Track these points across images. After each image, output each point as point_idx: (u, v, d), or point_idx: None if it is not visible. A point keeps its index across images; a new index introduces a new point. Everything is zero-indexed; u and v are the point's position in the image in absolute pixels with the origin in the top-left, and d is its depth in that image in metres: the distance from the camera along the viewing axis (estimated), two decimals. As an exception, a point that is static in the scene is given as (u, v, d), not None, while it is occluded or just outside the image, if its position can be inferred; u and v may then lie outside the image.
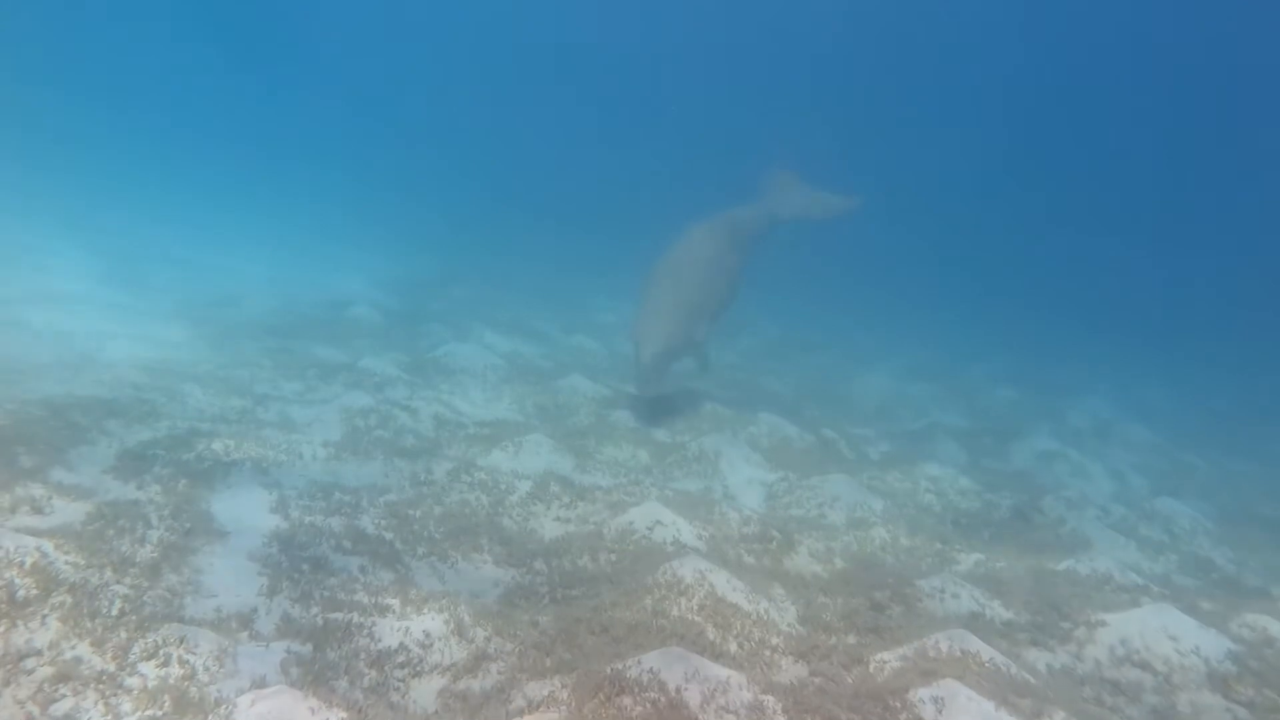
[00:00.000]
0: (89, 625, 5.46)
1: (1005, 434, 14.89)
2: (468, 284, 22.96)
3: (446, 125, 54.78)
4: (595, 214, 37.45)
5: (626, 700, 4.98)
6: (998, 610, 7.20)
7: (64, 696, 4.92)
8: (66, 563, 5.92)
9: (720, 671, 5.21)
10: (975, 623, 6.92)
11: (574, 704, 5.09)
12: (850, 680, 5.91)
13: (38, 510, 6.81)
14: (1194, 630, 6.36)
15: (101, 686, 5.01)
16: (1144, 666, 6.24)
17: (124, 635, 5.42)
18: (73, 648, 5.28)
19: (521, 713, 5.18)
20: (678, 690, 5.06)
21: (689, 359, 13.05)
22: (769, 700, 5.11)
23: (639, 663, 5.29)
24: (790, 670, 6.09)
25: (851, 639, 6.70)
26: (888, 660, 6.02)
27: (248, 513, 7.58)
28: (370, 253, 25.94)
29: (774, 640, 6.45)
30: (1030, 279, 36.85)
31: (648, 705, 4.95)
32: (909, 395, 17.95)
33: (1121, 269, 39.16)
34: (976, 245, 40.28)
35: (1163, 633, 6.39)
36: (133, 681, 5.08)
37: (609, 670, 5.29)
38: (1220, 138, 49.97)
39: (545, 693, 5.34)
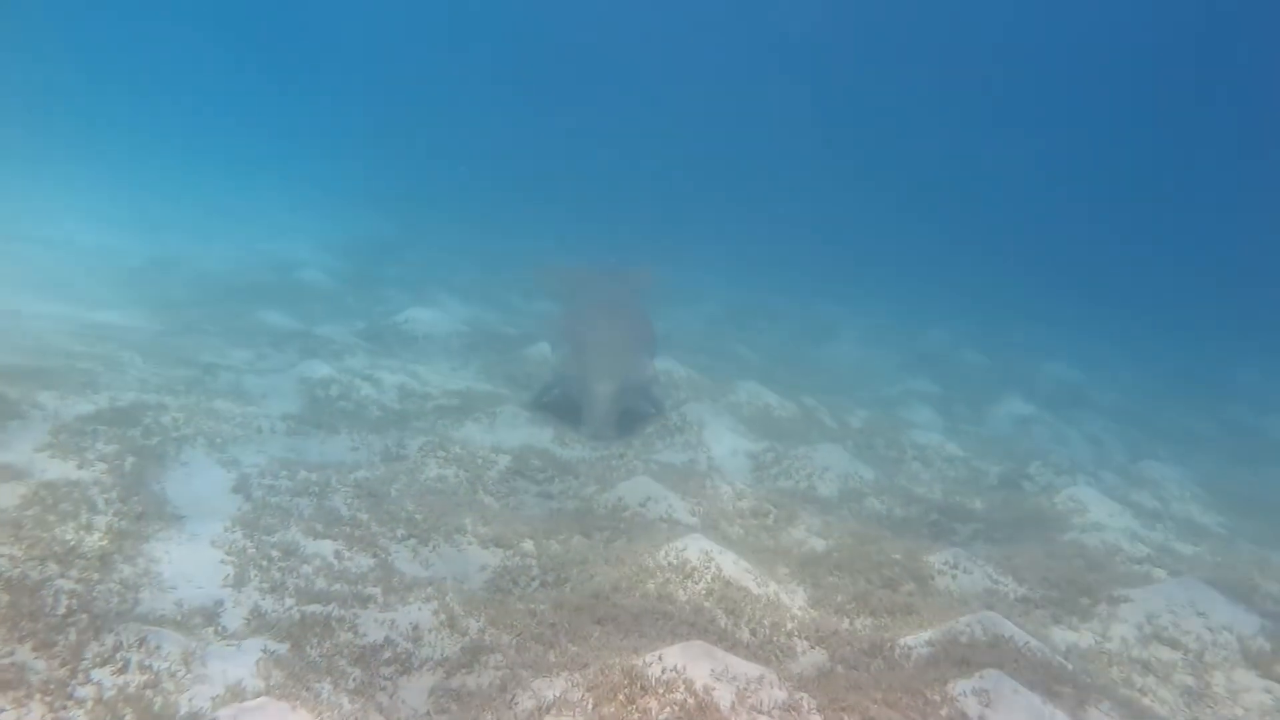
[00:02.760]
0: (31, 627, 4.79)
1: (977, 399, 14.73)
2: (421, 248, 22.07)
3: (399, 87, 53.08)
4: (554, 180, 36.62)
5: (651, 702, 4.51)
6: (1012, 586, 6.90)
7: (4, 710, 4.26)
8: (2, 555, 5.21)
9: (751, 668, 4.77)
10: (992, 600, 6.61)
11: (590, 705, 4.60)
12: (874, 667, 5.52)
13: (-35, 495, 6.04)
14: (1223, 605, 6.13)
15: (49, 698, 4.36)
16: (1174, 645, 5.99)
17: (73, 637, 4.76)
18: (12, 653, 4.61)
19: (531, 716, 4.67)
20: (706, 690, 4.60)
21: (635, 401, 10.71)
22: (804, 699, 4.69)
23: (660, 659, 4.81)
24: (809, 658, 5.69)
25: (868, 620, 6.33)
26: (913, 646, 5.65)
27: (206, 494, 6.89)
28: (317, 217, 24.81)
29: (788, 625, 6.04)
30: (985, 244, 37.10)
31: (674, 707, 4.48)
32: (877, 361, 17.75)
33: (1072, 233, 39.68)
34: (931, 212, 40.42)
35: (1190, 608, 6.14)
36: (86, 691, 4.44)
37: (626, 667, 4.80)
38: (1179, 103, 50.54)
39: (555, 691, 4.83)
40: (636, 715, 4.45)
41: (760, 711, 4.57)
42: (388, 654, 5.29)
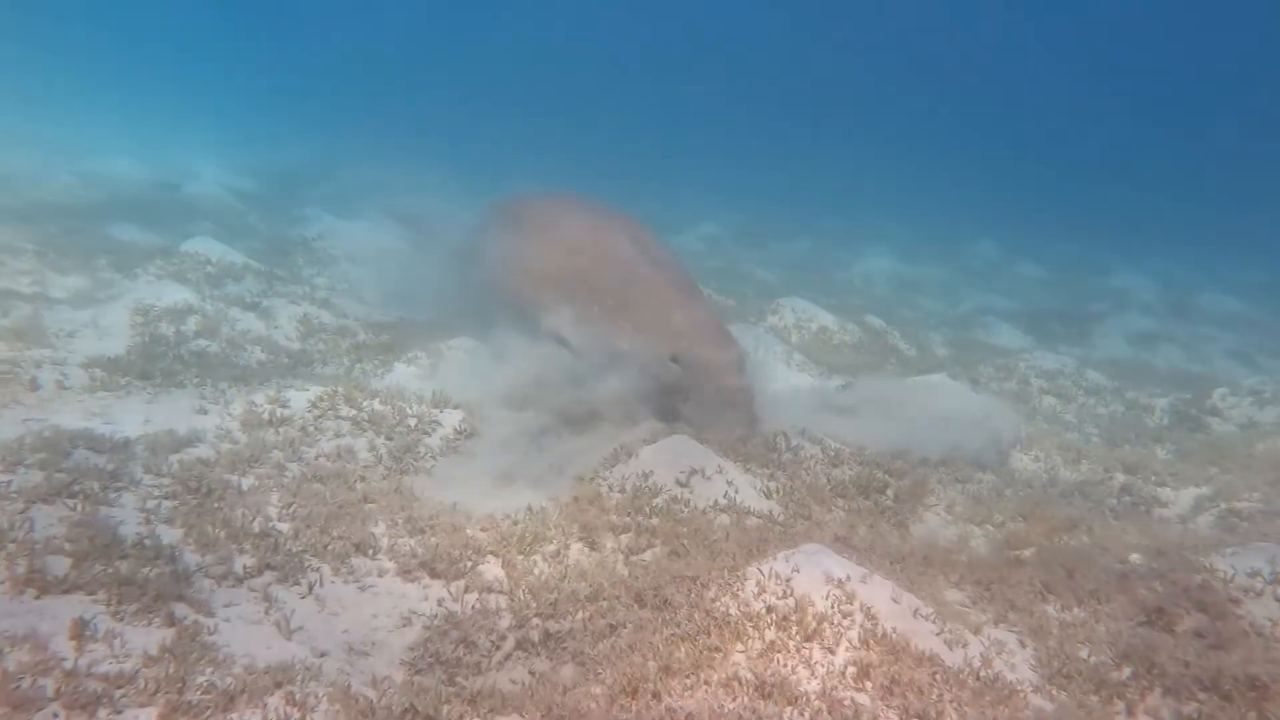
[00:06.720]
0: None
1: (1071, 316, 11.64)
2: (361, 168, 18.42)
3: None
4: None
5: None
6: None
7: None
8: None
9: None
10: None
11: None
12: None
13: None
14: None
15: None
16: None
17: None
18: None
19: None
20: None
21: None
22: None
23: None
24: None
25: (1164, 704, 3.20)
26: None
27: None
28: (237, 141, 21.06)
29: (1037, 735, 2.88)
30: (995, 149, 33.93)
31: None
32: (923, 278, 14.57)
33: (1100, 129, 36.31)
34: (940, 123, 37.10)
35: None
36: None
37: None
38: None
39: None
40: None
41: None
42: None
